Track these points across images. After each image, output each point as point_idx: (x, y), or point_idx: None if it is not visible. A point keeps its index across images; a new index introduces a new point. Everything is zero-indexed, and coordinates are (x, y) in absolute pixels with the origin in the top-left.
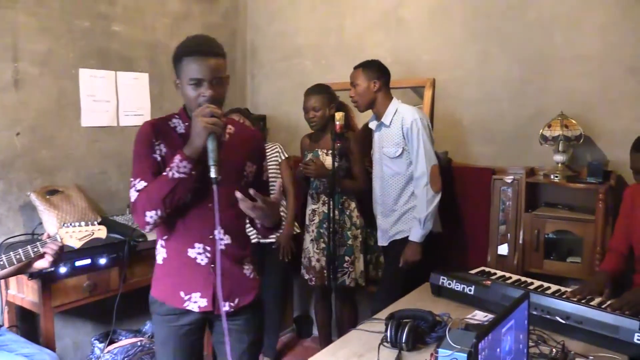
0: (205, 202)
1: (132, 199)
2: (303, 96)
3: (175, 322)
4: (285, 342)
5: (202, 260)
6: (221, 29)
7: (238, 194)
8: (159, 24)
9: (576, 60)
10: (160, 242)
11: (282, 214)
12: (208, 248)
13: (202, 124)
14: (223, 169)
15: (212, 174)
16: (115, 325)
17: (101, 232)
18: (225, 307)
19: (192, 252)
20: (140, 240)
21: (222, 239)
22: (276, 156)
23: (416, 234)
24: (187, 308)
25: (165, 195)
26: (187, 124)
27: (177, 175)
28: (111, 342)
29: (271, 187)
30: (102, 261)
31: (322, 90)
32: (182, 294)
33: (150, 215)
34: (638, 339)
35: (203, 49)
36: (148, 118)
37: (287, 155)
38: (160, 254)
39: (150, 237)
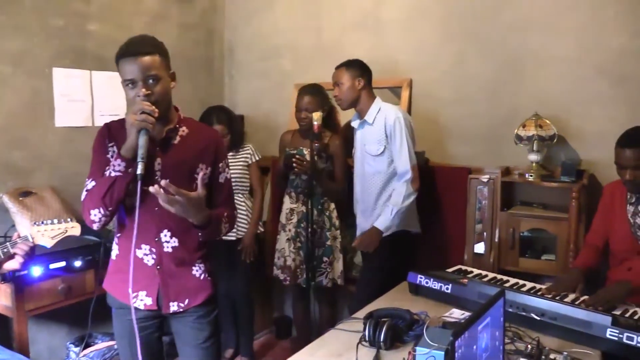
0: (152, 204)
1: (81, 198)
2: (297, 93)
3: (127, 316)
4: (264, 343)
5: (149, 261)
6: (198, 29)
7: (152, 188)
8: (135, 23)
9: (549, 61)
10: (115, 240)
11: (246, 214)
12: (154, 249)
13: (131, 121)
14: (172, 170)
15: (138, 170)
16: (91, 329)
17: (75, 229)
18: (174, 307)
19: (139, 252)
20: None
21: (169, 241)
22: (247, 157)
23: (383, 222)
24: (134, 305)
25: (104, 194)
26: None
27: (113, 173)
28: (87, 346)
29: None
30: (77, 263)
31: (316, 92)
32: (130, 290)
33: (94, 214)
34: (610, 334)
35: (133, 49)
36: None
37: (258, 157)
38: (114, 250)
39: None
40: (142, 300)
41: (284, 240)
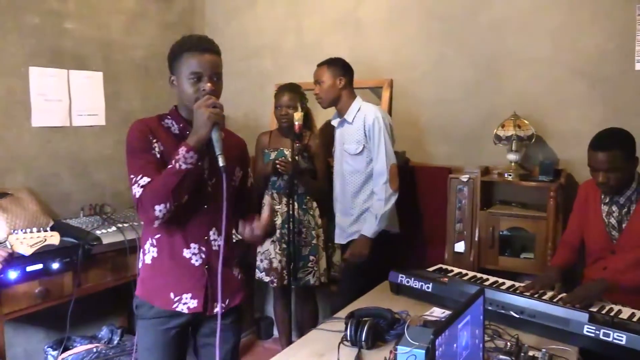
0: (201, 203)
1: (137, 195)
2: (275, 92)
3: (163, 326)
4: (245, 344)
5: (197, 261)
6: (178, 28)
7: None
8: (113, 22)
9: (527, 62)
10: (150, 241)
11: None
12: (203, 249)
13: (206, 114)
14: (217, 170)
15: (221, 163)
16: (69, 332)
17: (54, 238)
18: (217, 308)
19: (187, 253)
20: (94, 243)
21: (216, 239)
22: None
23: (369, 229)
24: (177, 309)
25: (174, 187)
26: (181, 125)
27: (184, 166)
28: (65, 350)
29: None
30: (55, 266)
31: (296, 89)
32: (171, 295)
33: (160, 209)
34: (587, 331)
35: (203, 45)
36: (102, 118)
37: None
38: (150, 253)
39: (106, 240)
40: (186, 304)
41: (268, 242)
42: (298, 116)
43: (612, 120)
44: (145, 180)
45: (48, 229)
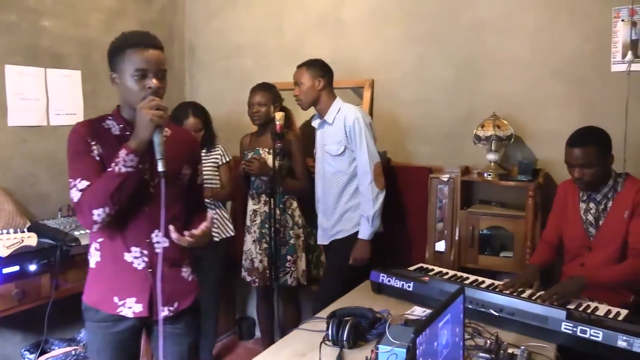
0: (142, 205)
1: (76, 199)
2: (249, 92)
3: (110, 329)
4: (227, 344)
5: (139, 264)
6: (158, 26)
7: (173, 235)
8: (92, 20)
9: (506, 63)
10: (94, 245)
11: (219, 217)
12: (145, 252)
13: (149, 116)
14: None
15: (160, 168)
16: (47, 335)
17: (31, 239)
18: (165, 311)
19: (128, 256)
20: (72, 244)
21: (160, 242)
22: (217, 158)
23: (365, 232)
24: (121, 314)
25: (113, 191)
26: (121, 125)
27: (124, 169)
28: (43, 353)
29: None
30: (32, 267)
31: (268, 88)
32: (115, 299)
33: (98, 214)
34: (565, 328)
35: (148, 41)
36: (81, 117)
37: (229, 159)
38: (94, 257)
39: (84, 241)
40: (131, 308)
41: (249, 242)
42: (279, 116)
43: (588, 120)
44: (84, 184)
45: (25, 229)
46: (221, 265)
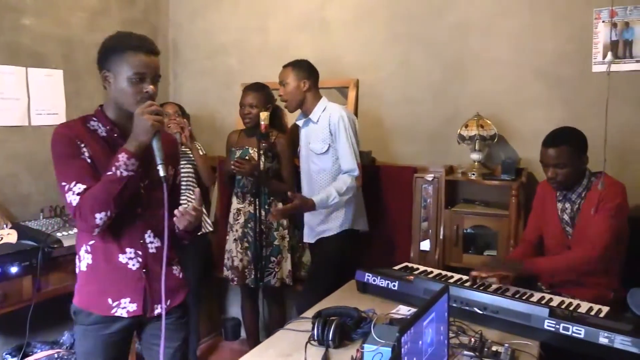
0: (135, 207)
1: (74, 203)
2: (241, 91)
3: (103, 331)
4: (212, 345)
5: (134, 265)
6: (141, 25)
7: (178, 211)
8: (74, 18)
9: (490, 63)
10: (84, 248)
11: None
12: (139, 252)
13: (150, 121)
14: (151, 171)
15: (162, 173)
16: (29, 338)
17: (11, 236)
18: (158, 309)
19: (122, 258)
20: (55, 246)
21: (152, 241)
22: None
23: (321, 202)
24: (116, 314)
25: (116, 195)
26: (108, 127)
27: (125, 173)
28: (25, 356)
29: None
30: (13, 270)
31: (260, 89)
32: (109, 300)
33: (100, 217)
34: (548, 325)
35: (149, 46)
36: (63, 117)
37: (204, 152)
38: (85, 260)
39: (67, 242)
40: (125, 308)
41: (231, 240)
42: (264, 116)
43: (570, 120)
44: (80, 187)
45: (5, 226)
46: (200, 261)
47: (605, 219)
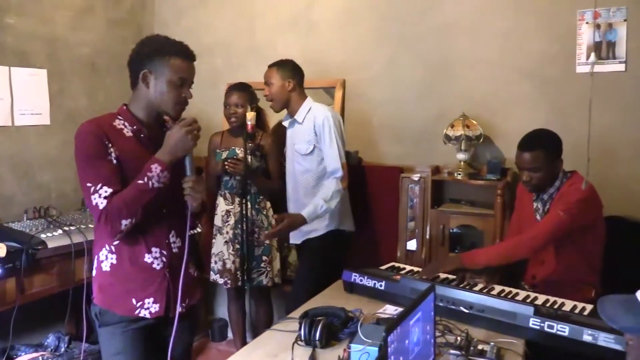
0: (160, 207)
1: (101, 206)
2: (225, 91)
3: (131, 326)
4: (198, 346)
5: (158, 265)
6: (126, 25)
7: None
8: (58, 17)
9: (475, 64)
10: (107, 248)
11: None
12: (164, 252)
13: (190, 138)
14: (172, 173)
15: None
16: (12, 341)
17: (1, 250)
18: (179, 309)
19: (148, 257)
20: (39, 247)
21: (175, 241)
22: None
23: (309, 212)
24: (140, 315)
25: (145, 204)
26: (135, 127)
27: (157, 185)
28: (9, 359)
29: None
30: None
31: (244, 89)
32: (133, 301)
33: (126, 223)
34: (533, 324)
35: (191, 53)
36: (47, 117)
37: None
38: (108, 260)
39: (51, 244)
40: (148, 309)
41: (221, 243)
42: (250, 116)
43: (554, 120)
44: (107, 190)
45: None
46: None
47: (555, 213)
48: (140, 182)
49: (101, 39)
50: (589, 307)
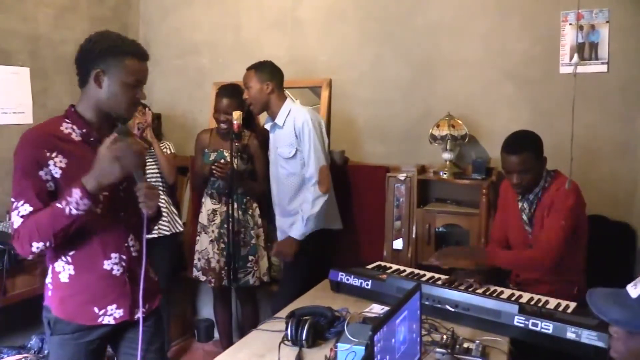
0: (117, 211)
1: (15, 225)
2: (215, 93)
3: (84, 338)
4: (184, 347)
5: (118, 270)
6: (111, 23)
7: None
8: (41, 15)
9: (460, 65)
10: (63, 259)
11: (168, 211)
12: (124, 257)
13: (137, 156)
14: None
15: (145, 212)
16: None
17: None
18: (138, 313)
19: (107, 264)
20: None
21: (134, 245)
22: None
23: (297, 231)
24: (103, 322)
25: (58, 231)
26: (84, 130)
27: (75, 212)
28: None
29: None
30: None
31: (235, 94)
32: (95, 309)
33: (37, 247)
34: (517, 322)
35: (145, 53)
36: (30, 116)
37: (174, 151)
38: (65, 271)
39: None
40: (112, 315)
41: (206, 241)
42: (237, 116)
43: (537, 120)
44: (27, 209)
45: None
46: (169, 261)
47: (556, 223)
48: (58, 205)
49: (84, 37)
50: (573, 305)
